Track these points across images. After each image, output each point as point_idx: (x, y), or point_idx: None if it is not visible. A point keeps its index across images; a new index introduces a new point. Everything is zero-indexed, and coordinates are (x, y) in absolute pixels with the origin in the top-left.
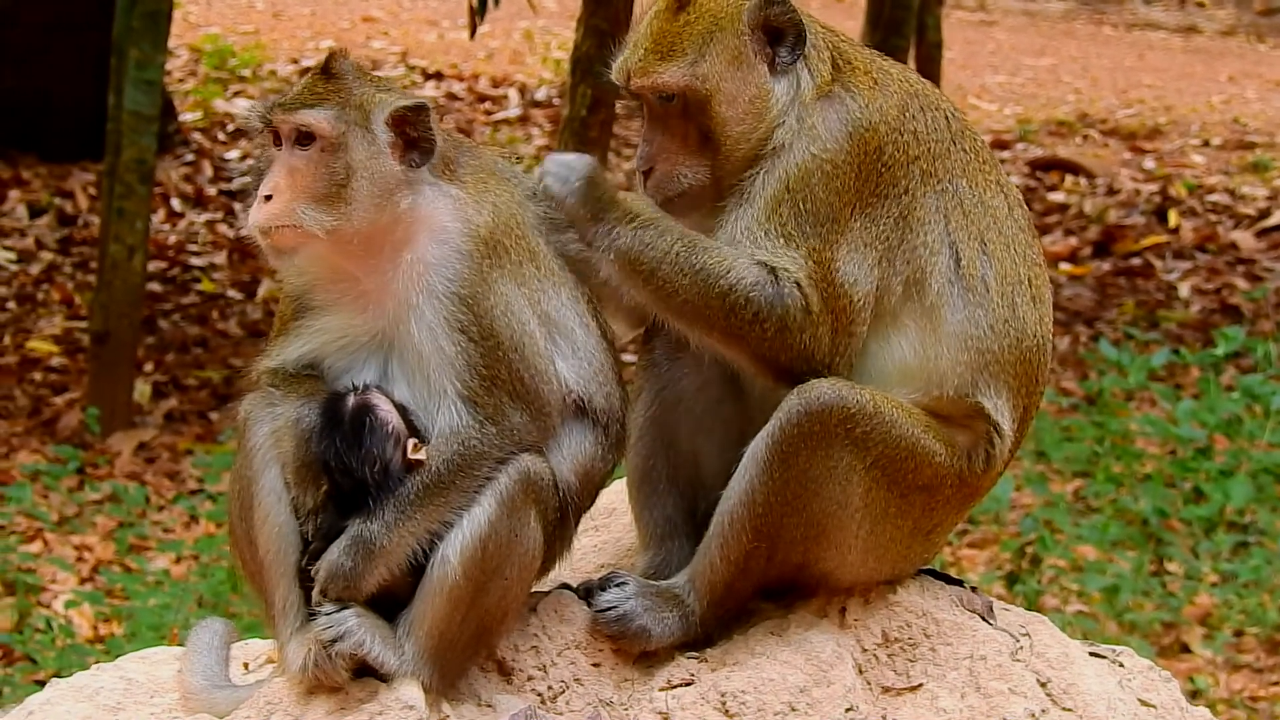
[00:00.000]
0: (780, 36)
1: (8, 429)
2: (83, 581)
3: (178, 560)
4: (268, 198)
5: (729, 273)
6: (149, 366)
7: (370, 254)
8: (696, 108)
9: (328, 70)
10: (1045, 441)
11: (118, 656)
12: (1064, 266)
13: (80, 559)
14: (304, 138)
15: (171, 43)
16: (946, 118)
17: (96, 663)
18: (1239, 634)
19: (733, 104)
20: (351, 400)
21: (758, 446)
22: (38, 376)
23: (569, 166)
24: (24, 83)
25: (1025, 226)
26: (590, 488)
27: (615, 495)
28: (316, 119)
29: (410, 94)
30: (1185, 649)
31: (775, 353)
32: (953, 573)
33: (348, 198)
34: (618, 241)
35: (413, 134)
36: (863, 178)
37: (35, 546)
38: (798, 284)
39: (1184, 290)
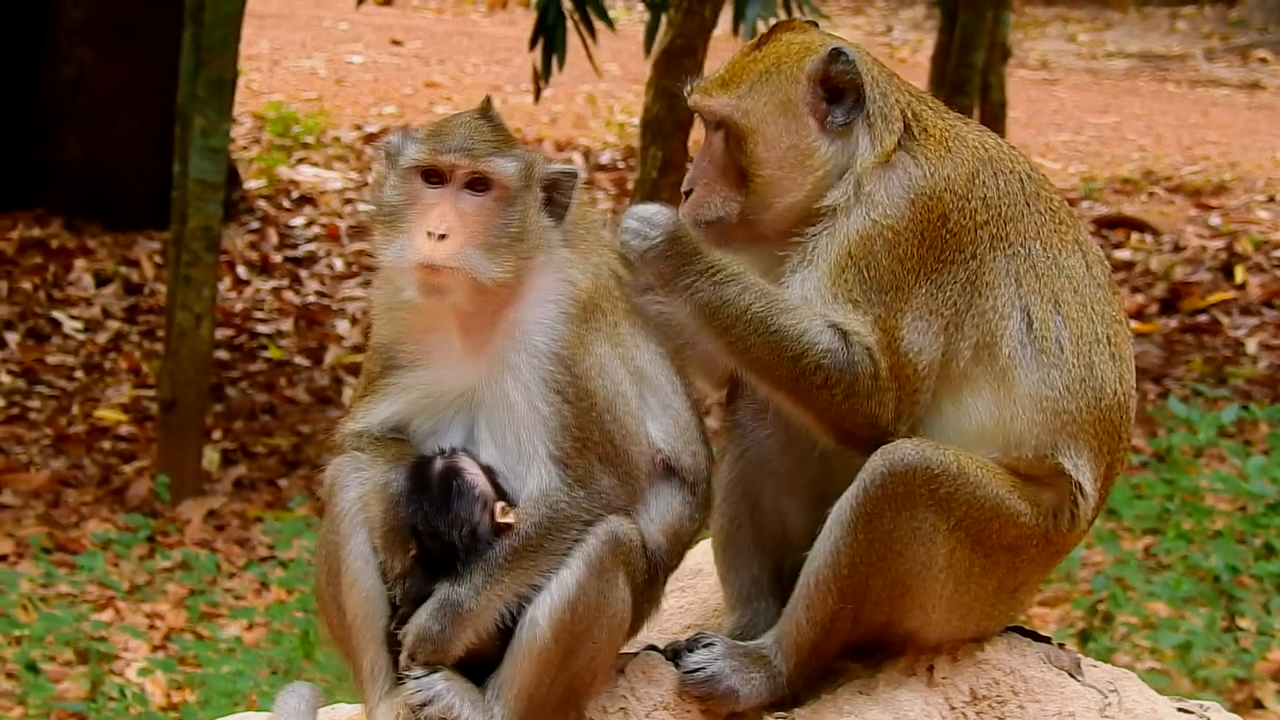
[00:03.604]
0: (839, 96)
1: (78, 498)
2: (155, 649)
3: (250, 627)
4: (442, 236)
5: (803, 336)
6: (217, 434)
7: (479, 308)
8: (735, 141)
9: (489, 117)
10: (1115, 499)
11: None
12: (1131, 324)
13: (152, 627)
14: (479, 183)
15: (235, 110)
16: (1021, 180)
17: None
18: None
19: (770, 148)
20: (439, 464)
21: (842, 508)
22: (107, 445)
23: (649, 222)
24: (89, 152)
25: (1105, 284)
26: (679, 548)
27: (701, 556)
28: (505, 169)
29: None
30: (1259, 704)
31: (841, 416)
32: None
33: (518, 251)
34: (697, 295)
35: (558, 198)
36: (926, 245)
37: (107, 615)
38: (868, 350)
39: (1251, 346)
